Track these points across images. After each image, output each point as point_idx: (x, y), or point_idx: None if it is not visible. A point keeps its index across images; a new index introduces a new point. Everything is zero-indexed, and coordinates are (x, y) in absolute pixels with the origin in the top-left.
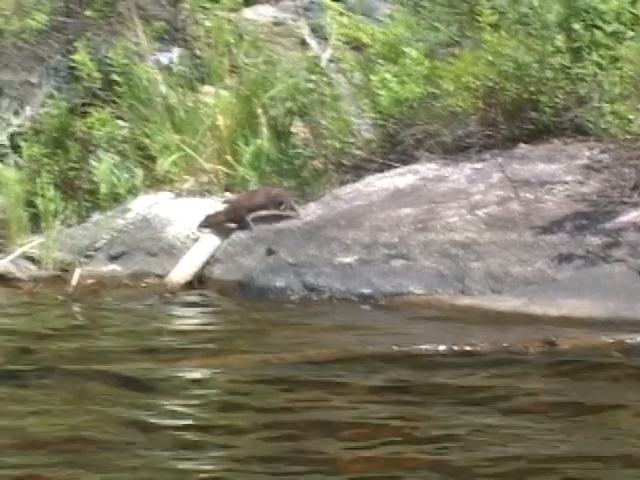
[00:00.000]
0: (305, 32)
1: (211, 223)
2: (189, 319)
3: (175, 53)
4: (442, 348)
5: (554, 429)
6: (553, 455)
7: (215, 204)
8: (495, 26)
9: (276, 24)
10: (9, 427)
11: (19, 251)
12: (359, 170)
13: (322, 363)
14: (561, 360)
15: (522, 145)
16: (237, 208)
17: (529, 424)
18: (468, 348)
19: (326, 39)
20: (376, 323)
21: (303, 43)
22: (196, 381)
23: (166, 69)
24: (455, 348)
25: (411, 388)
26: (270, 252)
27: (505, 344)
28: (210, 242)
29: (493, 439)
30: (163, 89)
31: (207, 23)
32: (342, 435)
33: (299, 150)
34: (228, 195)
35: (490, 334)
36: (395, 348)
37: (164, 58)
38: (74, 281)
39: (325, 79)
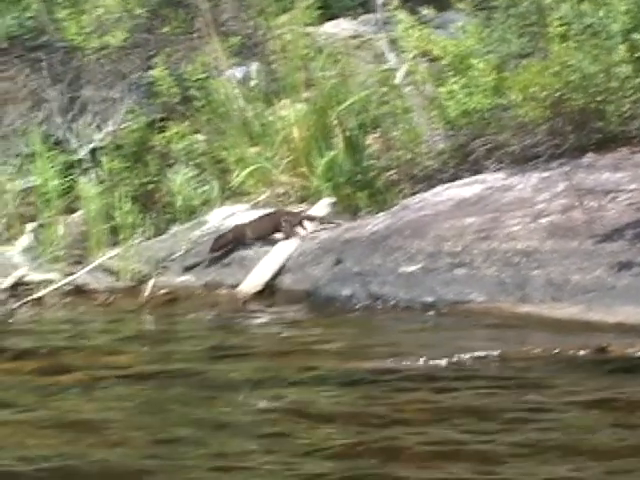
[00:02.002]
0: (383, 45)
1: (220, 246)
2: (258, 327)
3: (252, 67)
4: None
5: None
6: None
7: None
8: (564, 37)
9: (355, 37)
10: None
11: (95, 263)
12: (431, 180)
13: None
14: (612, 365)
15: (589, 154)
16: (244, 232)
17: None
18: (517, 355)
19: (404, 52)
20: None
21: (382, 56)
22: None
23: (242, 83)
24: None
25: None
26: (337, 262)
27: (556, 350)
28: (281, 253)
29: None
30: (240, 103)
31: (284, 37)
32: None
33: (372, 161)
34: (303, 206)
35: (544, 340)
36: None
37: (240, 72)
38: (147, 292)
39: (397, 91)
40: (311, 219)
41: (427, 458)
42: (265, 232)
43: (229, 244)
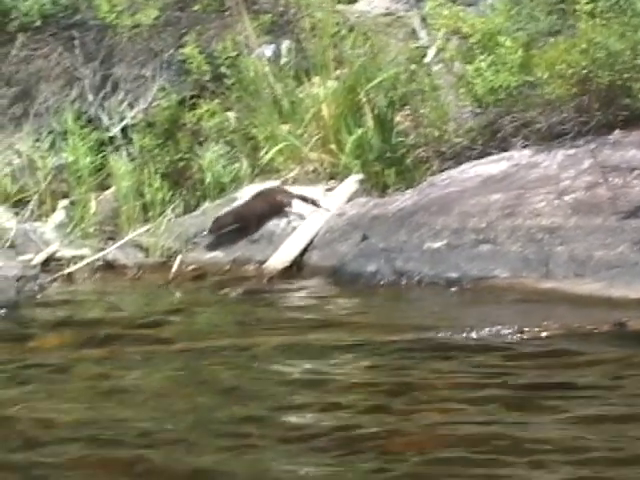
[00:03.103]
0: (415, 23)
1: (220, 226)
2: (285, 302)
3: (283, 45)
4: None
5: None
6: None
7: (317, 191)
8: (591, 14)
9: (387, 15)
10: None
11: (126, 239)
12: (459, 158)
13: None
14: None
15: (615, 131)
16: (244, 212)
17: None
18: (537, 329)
19: (435, 30)
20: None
21: (414, 34)
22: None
23: (273, 61)
24: (526, 329)
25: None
26: (364, 238)
27: (576, 325)
28: (309, 229)
29: None
30: (270, 81)
31: (316, 15)
32: None
33: (401, 139)
34: (332, 183)
35: (565, 316)
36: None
37: (269, 50)
38: (175, 268)
39: (426, 69)
40: (303, 199)
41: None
42: (261, 211)
43: (228, 225)
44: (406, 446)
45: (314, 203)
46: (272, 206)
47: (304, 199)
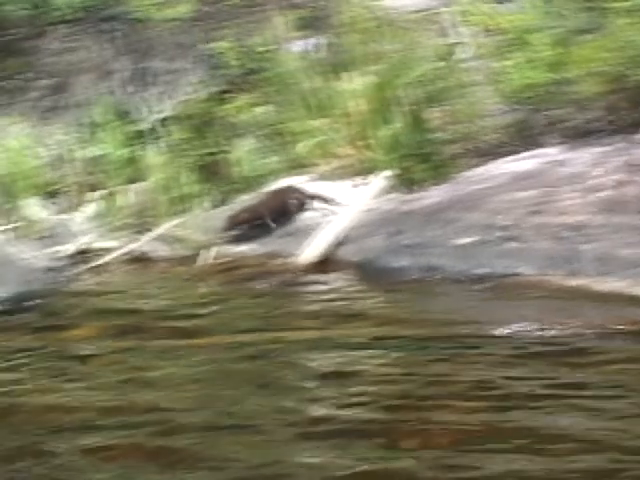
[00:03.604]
0: (449, 19)
1: (234, 224)
2: (315, 295)
3: (318, 40)
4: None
5: None
6: None
7: (347, 188)
8: (624, 13)
9: (421, 11)
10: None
11: (158, 231)
12: (491, 154)
13: None
14: None
15: None
16: (258, 210)
17: None
18: (561, 326)
19: (469, 26)
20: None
21: (448, 30)
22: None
23: (307, 56)
24: (550, 326)
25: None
26: (394, 233)
27: (598, 323)
28: (341, 224)
29: None
30: (303, 76)
31: (351, 11)
32: None
33: (434, 135)
34: (364, 179)
35: (588, 313)
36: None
37: (304, 45)
38: (204, 260)
39: (459, 65)
40: (317, 198)
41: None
42: (276, 209)
43: (243, 223)
44: (430, 439)
45: (327, 201)
46: (286, 205)
47: (317, 197)
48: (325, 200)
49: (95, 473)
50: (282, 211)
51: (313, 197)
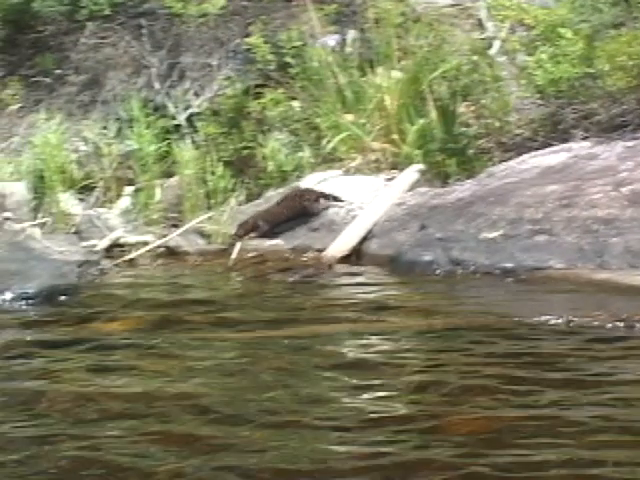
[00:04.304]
0: (482, 14)
1: (246, 231)
2: (343, 288)
3: (349, 35)
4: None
5: None
6: None
7: (377, 181)
8: None
9: (454, 6)
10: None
11: (188, 226)
12: (521, 149)
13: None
14: None
15: None
16: (267, 216)
17: None
18: (588, 319)
19: (499, 21)
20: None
21: (480, 25)
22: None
23: (337, 51)
24: (574, 319)
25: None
26: (422, 227)
27: (624, 315)
28: (368, 218)
29: None
30: (334, 70)
31: (382, 6)
32: None
33: (464, 129)
34: (394, 173)
35: (615, 306)
36: (516, 318)
37: (334, 40)
38: (234, 254)
39: (489, 60)
40: (325, 197)
41: None
42: (286, 215)
43: (253, 230)
44: (459, 427)
45: (336, 199)
46: (297, 207)
47: (326, 197)
48: (335, 199)
49: (137, 457)
50: (294, 215)
51: (324, 196)
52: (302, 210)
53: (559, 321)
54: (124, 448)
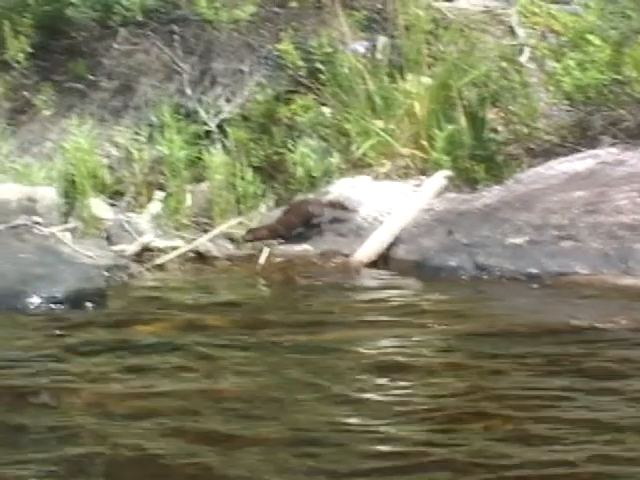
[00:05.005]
0: (513, 20)
1: (255, 237)
2: (370, 292)
3: (379, 42)
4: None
5: None
6: None
7: (406, 187)
8: None
9: (485, 12)
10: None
11: (217, 231)
12: (549, 155)
13: None
14: None
15: None
16: (274, 228)
17: None
18: (610, 324)
19: (529, 27)
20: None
21: (511, 31)
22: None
23: (367, 57)
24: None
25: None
26: (449, 233)
27: None
28: (396, 224)
29: None
30: (364, 77)
31: (413, 12)
32: None
33: (493, 135)
34: (422, 179)
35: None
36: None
37: (362, 47)
38: (262, 259)
39: (518, 66)
40: (334, 205)
41: None
42: (294, 224)
43: (261, 238)
44: (484, 421)
45: (343, 207)
46: (304, 217)
47: (333, 206)
48: (346, 208)
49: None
50: (301, 224)
51: (333, 206)
52: (307, 219)
53: (585, 324)
54: (160, 444)
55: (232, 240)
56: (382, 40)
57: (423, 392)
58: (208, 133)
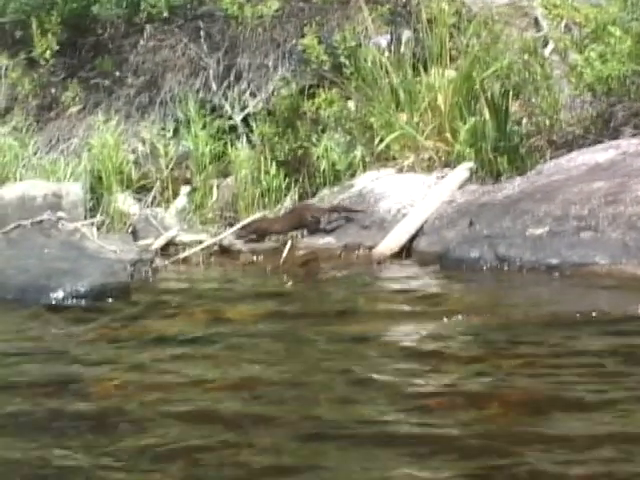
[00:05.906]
0: (537, 12)
1: (247, 233)
2: (394, 283)
3: (403, 35)
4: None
5: None
6: None
7: (429, 179)
8: None
9: (509, 5)
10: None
11: (240, 224)
12: (571, 146)
13: None
14: None
15: None
16: (270, 227)
17: None
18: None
19: (552, 19)
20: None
21: (536, 23)
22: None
23: (391, 51)
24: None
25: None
26: (470, 224)
27: None
28: (418, 216)
29: None
30: (388, 70)
31: (437, 6)
32: None
33: (515, 127)
34: (445, 171)
35: None
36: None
37: (385, 40)
38: (285, 252)
39: (540, 58)
40: (336, 210)
41: None
42: (290, 227)
43: (254, 234)
44: (500, 407)
45: (346, 210)
46: (299, 222)
47: (335, 210)
48: (350, 211)
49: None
50: (297, 228)
51: (335, 210)
52: (302, 224)
53: (605, 314)
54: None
55: None
56: (406, 34)
57: (448, 379)
58: (233, 128)
